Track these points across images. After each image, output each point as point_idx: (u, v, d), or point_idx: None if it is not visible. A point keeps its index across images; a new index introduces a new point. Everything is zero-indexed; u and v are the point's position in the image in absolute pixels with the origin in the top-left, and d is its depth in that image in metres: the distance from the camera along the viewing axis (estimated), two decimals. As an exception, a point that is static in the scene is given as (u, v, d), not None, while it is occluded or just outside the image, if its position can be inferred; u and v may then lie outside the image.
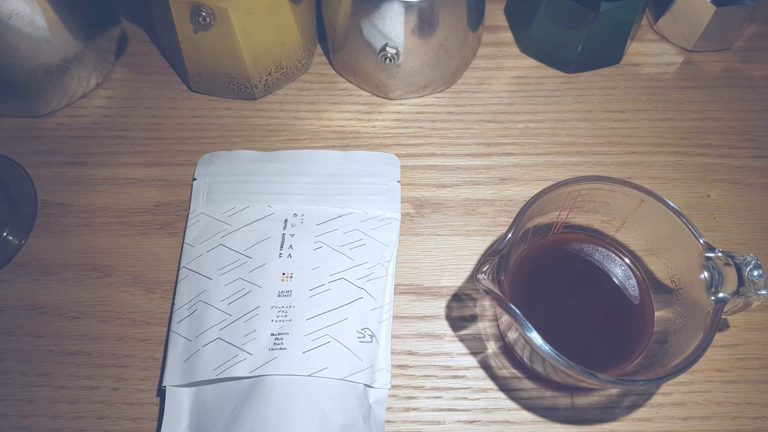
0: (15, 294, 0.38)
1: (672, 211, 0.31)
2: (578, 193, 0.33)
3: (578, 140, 0.44)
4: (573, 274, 0.35)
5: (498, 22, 0.49)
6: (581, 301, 0.35)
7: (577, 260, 0.36)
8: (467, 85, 0.46)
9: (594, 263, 0.35)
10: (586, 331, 0.34)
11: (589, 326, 0.34)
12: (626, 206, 0.33)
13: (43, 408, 0.35)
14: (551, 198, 0.32)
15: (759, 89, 0.46)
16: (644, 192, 0.32)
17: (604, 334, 0.34)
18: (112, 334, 0.37)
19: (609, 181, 0.32)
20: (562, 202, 0.33)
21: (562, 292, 0.35)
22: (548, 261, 0.36)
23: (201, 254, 0.38)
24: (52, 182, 0.42)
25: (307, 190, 0.40)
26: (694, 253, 0.31)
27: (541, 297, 0.34)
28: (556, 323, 0.33)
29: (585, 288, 0.35)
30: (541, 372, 0.34)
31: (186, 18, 0.39)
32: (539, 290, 0.35)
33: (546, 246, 0.36)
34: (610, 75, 0.47)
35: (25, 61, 0.40)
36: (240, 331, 0.35)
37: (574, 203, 0.33)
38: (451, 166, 0.43)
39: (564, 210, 0.34)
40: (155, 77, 0.46)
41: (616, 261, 0.35)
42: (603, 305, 0.35)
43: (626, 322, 0.34)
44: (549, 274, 0.35)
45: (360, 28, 0.41)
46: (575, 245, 0.36)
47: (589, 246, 0.36)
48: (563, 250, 0.36)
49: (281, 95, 0.45)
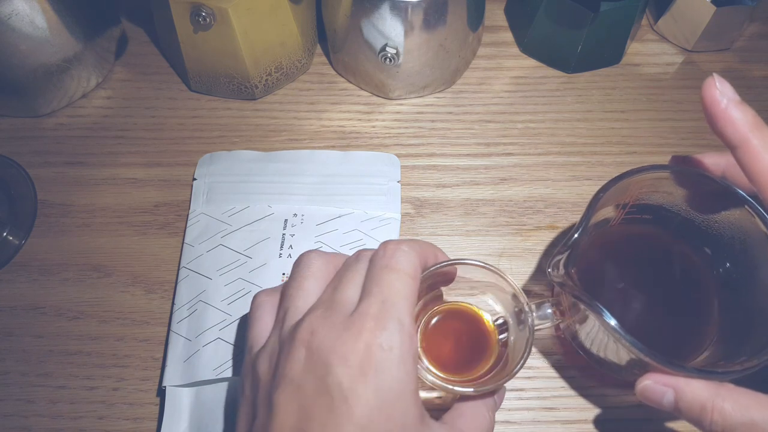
0: (15, 294, 0.38)
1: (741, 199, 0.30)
2: (643, 183, 0.32)
3: (578, 140, 0.44)
4: (637, 263, 0.35)
5: (498, 22, 0.49)
6: (648, 290, 0.34)
7: (640, 249, 0.35)
8: (467, 85, 0.46)
9: (656, 252, 0.35)
10: (655, 321, 0.33)
11: (657, 315, 0.34)
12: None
13: (43, 408, 0.35)
14: (617, 189, 0.31)
15: (759, 89, 0.46)
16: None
17: (673, 322, 0.33)
18: (112, 334, 0.37)
19: (672, 170, 0.31)
20: (627, 194, 0.33)
21: (628, 281, 0.34)
22: (611, 251, 0.35)
23: (201, 254, 0.38)
24: (52, 182, 0.42)
25: (307, 190, 0.40)
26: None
27: (608, 287, 0.34)
28: (625, 313, 0.32)
29: (650, 277, 0.34)
30: (604, 363, 0.33)
31: (186, 18, 0.39)
32: (605, 281, 0.34)
33: (607, 236, 0.35)
34: (610, 75, 0.47)
35: (25, 61, 0.40)
36: (240, 331, 0.35)
37: (639, 193, 0.33)
38: (451, 166, 0.43)
39: (627, 201, 0.33)
40: (155, 77, 0.46)
41: (680, 251, 0.34)
42: (670, 293, 0.34)
43: (695, 311, 0.33)
44: (613, 264, 0.35)
45: (360, 28, 0.41)
46: (637, 235, 0.35)
47: (651, 234, 0.35)
48: (625, 239, 0.35)
49: (281, 95, 0.45)
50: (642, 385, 0.26)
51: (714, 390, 0.25)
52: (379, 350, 0.23)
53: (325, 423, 0.23)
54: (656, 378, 0.26)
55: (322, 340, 0.24)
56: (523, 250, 0.40)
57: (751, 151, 0.25)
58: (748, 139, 0.25)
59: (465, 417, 0.27)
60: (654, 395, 0.26)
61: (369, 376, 0.23)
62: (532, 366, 0.36)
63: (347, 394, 0.23)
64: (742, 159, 0.25)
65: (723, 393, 0.25)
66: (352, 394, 0.23)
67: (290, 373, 0.24)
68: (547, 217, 0.41)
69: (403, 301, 0.25)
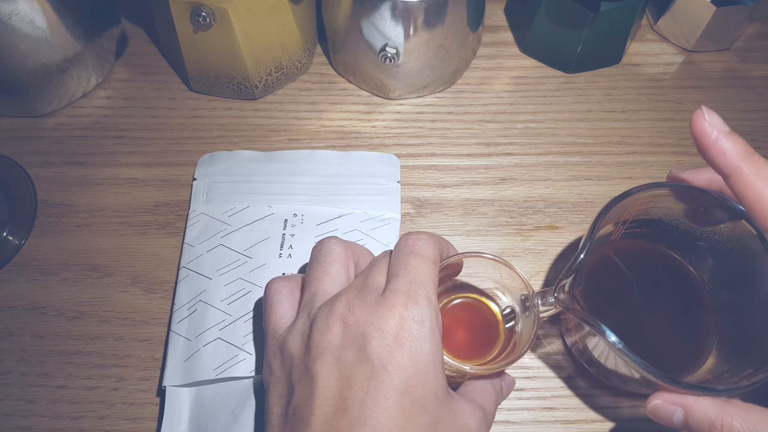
0: (15, 294, 0.38)
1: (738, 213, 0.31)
2: (643, 200, 0.32)
3: (578, 140, 0.44)
4: (639, 278, 0.35)
5: (498, 22, 0.49)
6: (650, 304, 0.35)
7: (641, 264, 0.35)
8: (467, 85, 0.46)
9: (654, 267, 0.35)
10: (657, 334, 0.34)
11: (659, 328, 0.34)
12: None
13: (43, 408, 0.35)
14: (618, 208, 0.31)
15: (759, 89, 0.46)
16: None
17: (674, 334, 0.34)
18: (111, 334, 0.37)
19: (674, 187, 0.31)
20: (628, 211, 0.33)
21: (631, 296, 0.35)
22: (613, 267, 0.35)
23: (201, 254, 0.38)
24: (52, 182, 0.42)
25: (307, 190, 0.40)
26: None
27: (611, 303, 0.34)
28: (629, 329, 0.33)
29: (652, 290, 0.35)
30: (612, 377, 0.34)
31: (186, 18, 0.39)
32: (608, 297, 0.34)
33: (608, 252, 0.35)
34: (610, 75, 0.47)
35: (25, 61, 0.40)
36: (240, 331, 0.35)
37: (639, 210, 0.33)
38: (451, 166, 0.43)
39: (626, 218, 0.34)
40: (155, 77, 0.46)
41: (677, 265, 0.35)
42: (671, 306, 0.34)
43: (694, 323, 0.34)
44: (615, 280, 0.35)
45: (360, 28, 0.41)
46: (637, 249, 0.35)
47: (649, 250, 0.35)
48: (626, 254, 0.35)
49: (281, 95, 0.45)
50: (652, 405, 0.27)
51: (722, 407, 0.25)
52: (413, 322, 0.25)
53: (367, 389, 0.24)
54: (665, 397, 0.27)
55: (359, 314, 0.26)
56: (523, 250, 0.40)
57: (743, 179, 0.25)
58: (740, 167, 0.25)
59: (475, 390, 0.29)
60: (664, 414, 0.27)
61: (405, 346, 0.25)
62: (532, 366, 0.36)
63: (386, 362, 0.24)
64: (735, 187, 0.26)
65: (731, 410, 0.25)
66: (391, 361, 0.24)
67: (329, 345, 0.25)
68: (547, 217, 0.41)
69: (429, 281, 0.27)
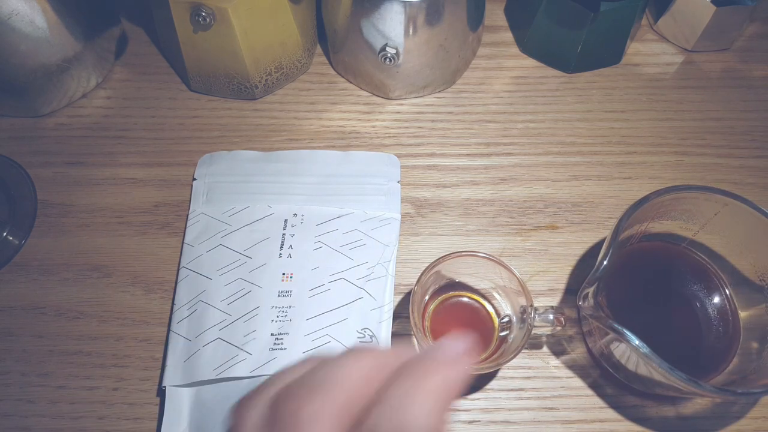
0: (15, 294, 0.38)
1: (761, 213, 0.31)
2: (661, 204, 0.32)
3: (578, 140, 0.44)
4: (660, 280, 0.36)
5: (498, 22, 0.49)
6: (672, 306, 0.35)
7: (658, 268, 0.36)
8: (467, 85, 0.46)
9: (674, 270, 0.35)
10: (682, 335, 0.34)
11: (681, 332, 0.34)
12: (707, 211, 0.33)
13: (43, 408, 0.35)
14: (638, 214, 0.31)
15: (759, 89, 0.46)
16: (728, 196, 0.32)
17: (696, 338, 0.34)
18: (111, 334, 0.37)
19: (692, 189, 0.32)
20: (646, 215, 0.33)
21: (653, 299, 0.35)
22: (634, 271, 0.36)
23: (201, 254, 0.38)
24: (52, 182, 0.42)
25: (307, 190, 0.40)
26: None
27: (634, 307, 0.35)
28: (654, 332, 0.33)
29: (673, 292, 0.35)
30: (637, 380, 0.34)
31: (186, 18, 0.39)
32: (631, 301, 0.35)
33: (626, 257, 0.35)
34: (610, 75, 0.47)
35: (25, 61, 0.40)
36: (240, 331, 0.35)
37: (657, 213, 0.33)
38: (451, 166, 0.43)
39: (645, 222, 0.34)
40: (155, 77, 0.46)
41: (696, 266, 0.35)
42: (693, 306, 0.35)
43: (714, 325, 0.34)
44: (638, 284, 0.36)
45: (360, 28, 0.41)
46: (654, 254, 0.36)
47: (668, 253, 0.35)
48: (646, 257, 0.36)
49: (281, 95, 0.45)
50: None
51: None
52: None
53: None
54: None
55: None
56: (523, 250, 0.40)
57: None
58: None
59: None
60: None
61: None
62: (532, 366, 0.36)
63: None
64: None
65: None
66: None
67: None
68: (547, 216, 0.41)
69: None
